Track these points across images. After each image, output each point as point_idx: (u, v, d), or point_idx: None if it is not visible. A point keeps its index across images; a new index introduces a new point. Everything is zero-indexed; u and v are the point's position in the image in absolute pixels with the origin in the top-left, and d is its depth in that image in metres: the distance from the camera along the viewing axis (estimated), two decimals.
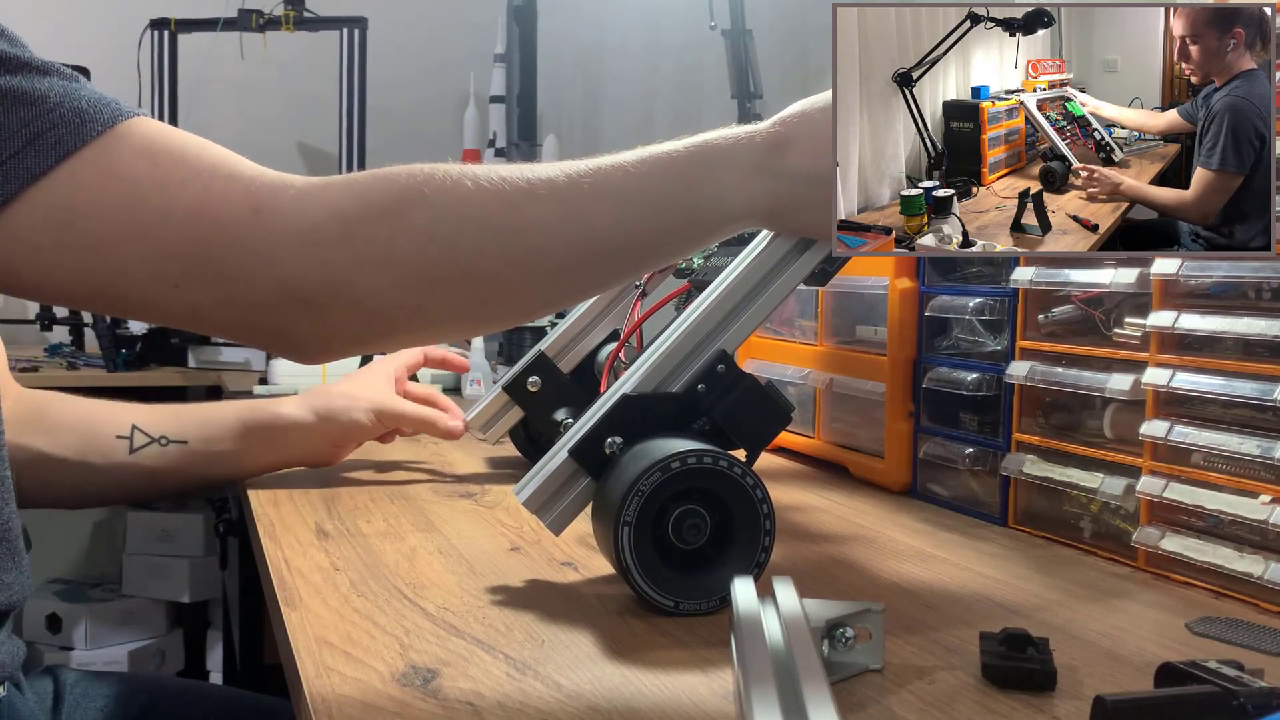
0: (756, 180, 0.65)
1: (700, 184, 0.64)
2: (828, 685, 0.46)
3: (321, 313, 0.60)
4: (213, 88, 2.32)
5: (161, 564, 2.22)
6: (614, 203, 0.63)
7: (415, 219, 0.60)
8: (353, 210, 0.59)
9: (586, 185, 0.63)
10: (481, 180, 0.61)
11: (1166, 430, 0.74)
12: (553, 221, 0.62)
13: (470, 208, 0.61)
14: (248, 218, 0.58)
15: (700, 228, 0.66)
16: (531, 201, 0.61)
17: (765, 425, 0.71)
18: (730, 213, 0.65)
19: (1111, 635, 0.64)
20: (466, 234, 0.60)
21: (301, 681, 0.55)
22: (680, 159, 0.64)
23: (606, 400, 0.69)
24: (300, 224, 0.59)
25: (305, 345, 0.64)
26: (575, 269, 0.64)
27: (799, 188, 0.65)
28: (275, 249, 0.59)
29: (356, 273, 0.59)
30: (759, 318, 0.71)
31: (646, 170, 0.64)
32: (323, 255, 0.59)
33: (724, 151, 0.65)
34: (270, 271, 0.59)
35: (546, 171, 0.62)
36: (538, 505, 0.69)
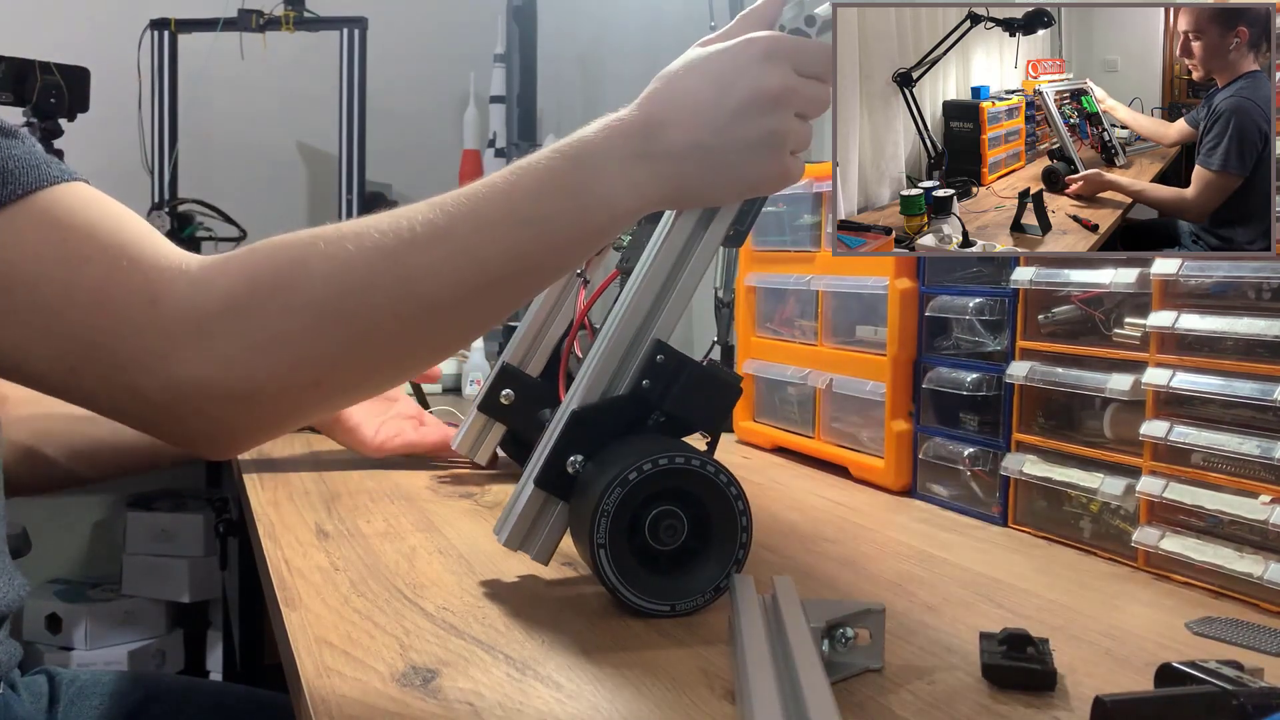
0: (638, 168, 0.63)
1: (582, 190, 0.62)
2: (828, 685, 0.46)
3: (213, 410, 0.58)
4: (213, 88, 2.32)
5: (161, 564, 2.22)
6: (497, 230, 0.60)
7: (303, 296, 0.57)
8: (241, 296, 0.57)
9: (466, 220, 0.60)
10: (363, 238, 0.59)
11: (1166, 430, 0.74)
12: (440, 264, 0.59)
13: (355, 272, 0.58)
14: (144, 309, 0.56)
15: (593, 230, 0.63)
16: (414, 250, 0.59)
17: (717, 404, 0.70)
18: (620, 207, 0.63)
19: (1111, 635, 0.64)
20: (356, 298, 0.58)
21: (301, 681, 0.55)
22: (556, 167, 0.62)
23: (558, 421, 0.69)
24: (192, 316, 0.56)
25: (199, 441, 0.61)
26: (475, 305, 0.62)
27: (682, 164, 0.63)
28: (166, 343, 0.56)
29: (248, 364, 0.57)
30: (685, 298, 0.70)
31: (523, 188, 0.62)
32: (214, 349, 0.56)
33: (598, 151, 0.63)
34: (161, 368, 0.56)
35: (424, 214, 0.60)
36: (518, 542, 0.68)
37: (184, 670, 2.31)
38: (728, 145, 0.63)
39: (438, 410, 1.41)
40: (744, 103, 0.63)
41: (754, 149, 0.64)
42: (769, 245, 1.26)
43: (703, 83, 0.64)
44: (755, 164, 0.64)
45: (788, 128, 0.64)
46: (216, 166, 2.41)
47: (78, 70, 2.04)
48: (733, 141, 0.63)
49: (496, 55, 2.39)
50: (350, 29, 2.22)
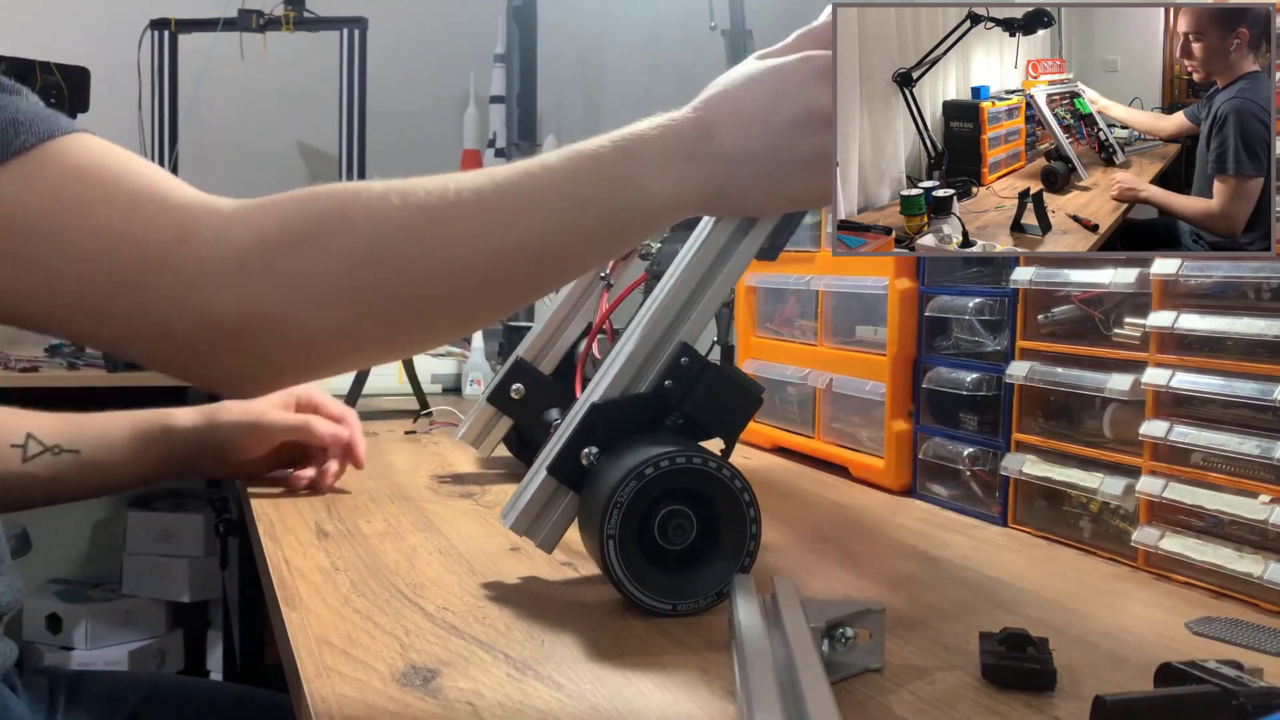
0: (686, 168, 0.63)
1: (629, 181, 0.62)
2: (828, 685, 0.46)
3: (247, 344, 0.58)
4: (213, 88, 2.32)
5: (161, 564, 2.22)
6: (542, 209, 0.61)
7: (341, 242, 0.58)
8: (277, 236, 0.57)
9: (512, 193, 0.61)
10: (407, 196, 0.59)
11: (1166, 430, 0.74)
12: (481, 233, 0.60)
13: (396, 226, 0.59)
14: (171, 246, 0.56)
15: (634, 225, 0.64)
16: (458, 215, 0.60)
17: (737, 411, 0.71)
18: (663, 205, 0.63)
19: (1111, 635, 0.64)
20: (393, 253, 0.58)
21: (301, 681, 0.55)
22: (607, 156, 0.62)
23: (577, 412, 0.69)
24: (224, 252, 0.57)
25: (230, 379, 0.62)
26: (508, 277, 0.62)
27: (731, 169, 0.64)
28: (198, 279, 0.56)
29: (281, 302, 0.57)
30: (715, 304, 0.70)
31: (572, 171, 0.62)
32: (247, 285, 0.56)
33: (650, 145, 0.63)
34: (192, 302, 0.56)
35: (473, 181, 0.61)
36: (525, 527, 0.68)
37: (184, 670, 2.31)
38: (776, 157, 0.64)
39: (438, 411, 1.41)
40: (796, 118, 0.64)
41: (801, 164, 0.64)
42: None
43: (758, 94, 0.65)
44: (800, 178, 0.65)
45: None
46: (216, 166, 2.41)
47: (78, 70, 2.04)
48: (781, 154, 0.64)
49: (496, 55, 2.39)
50: (350, 29, 2.22)
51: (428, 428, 1.37)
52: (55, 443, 0.99)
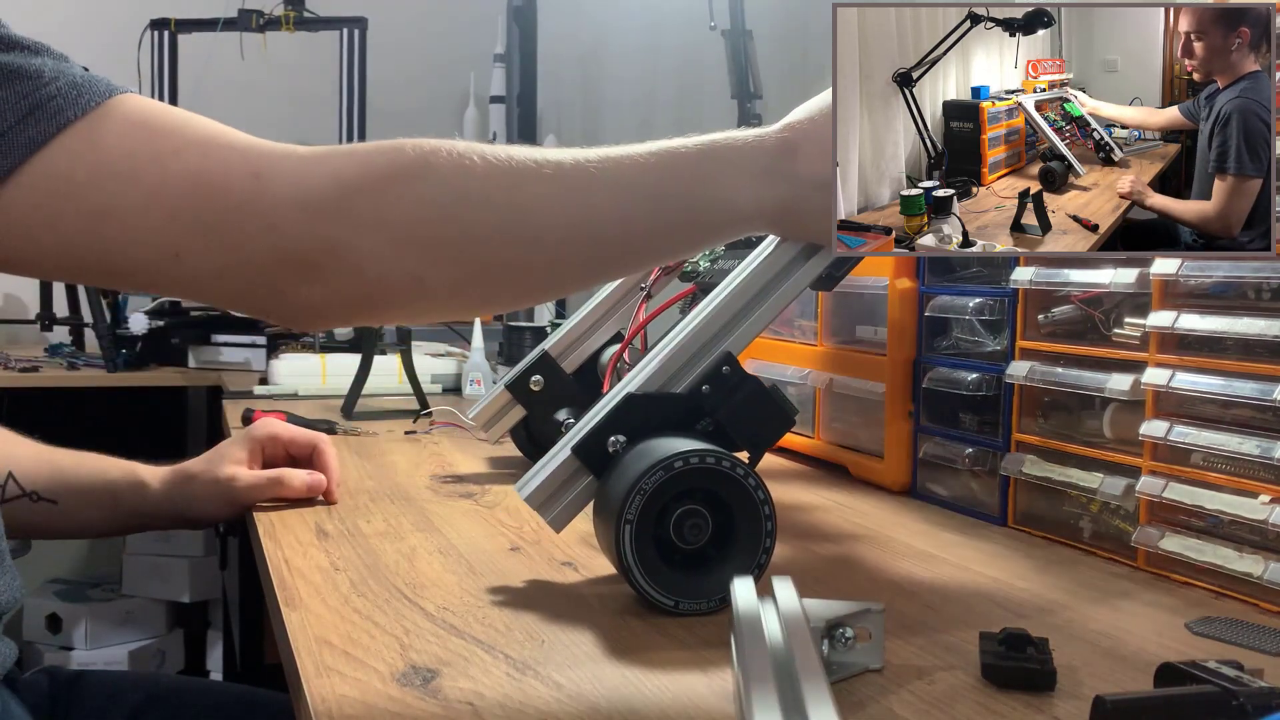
0: (765, 183, 0.65)
1: (708, 182, 0.64)
2: (828, 685, 0.46)
3: (321, 278, 0.60)
4: (213, 88, 2.32)
5: (161, 564, 2.22)
6: (619, 191, 0.63)
7: (418, 188, 0.60)
8: (355, 177, 0.59)
9: (593, 171, 0.62)
10: (489, 156, 0.61)
11: (1166, 430, 0.74)
12: (556, 204, 0.61)
13: (474, 181, 0.60)
14: (247, 183, 0.58)
15: (705, 226, 0.65)
16: (536, 181, 0.61)
17: (768, 428, 0.71)
18: (737, 214, 0.65)
19: (1111, 635, 0.64)
20: (469, 206, 0.60)
21: (301, 681, 0.55)
22: (690, 155, 0.64)
23: (611, 399, 0.69)
24: (301, 189, 0.59)
25: (301, 312, 0.63)
26: (576, 254, 0.64)
27: (807, 193, 0.65)
28: (274, 213, 0.58)
29: (357, 238, 0.59)
30: (765, 321, 0.71)
31: (655, 163, 0.63)
32: (323, 220, 0.59)
33: (734, 153, 0.65)
34: (269, 236, 0.58)
35: (555, 155, 0.62)
36: (539, 502, 0.69)
37: (184, 670, 2.31)
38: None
39: (438, 411, 1.41)
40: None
41: None
42: None
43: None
44: None
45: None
46: None
47: None
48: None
49: (496, 55, 2.39)
50: (350, 29, 2.22)
51: (428, 428, 1.37)
52: (34, 488, 0.99)
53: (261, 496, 0.97)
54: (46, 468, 1.01)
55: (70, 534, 1.05)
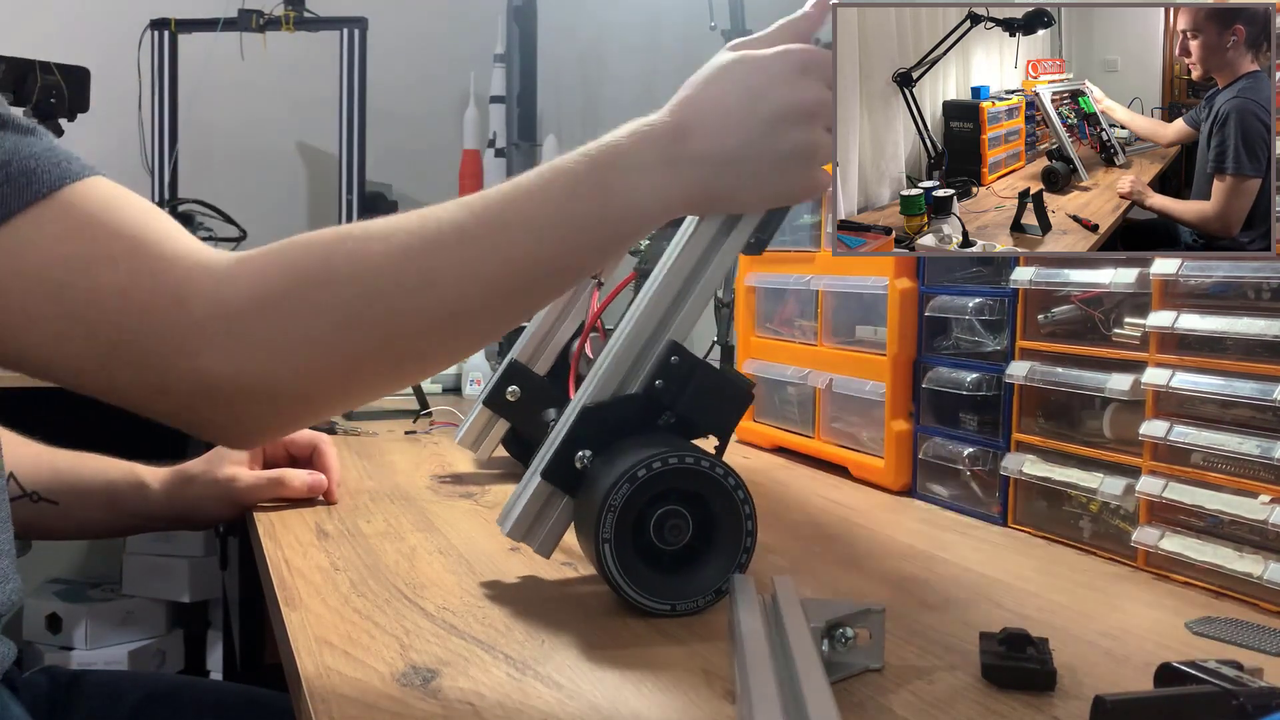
0: (664, 174, 0.63)
1: (606, 191, 0.62)
2: (828, 685, 0.46)
3: (240, 407, 0.58)
4: (213, 88, 2.32)
5: (161, 564, 2.22)
6: (524, 232, 0.61)
7: (329, 296, 0.58)
8: (266, 295, 0.57)
9: (494, 220, 0.61)
10: (390, 239, 0.59)
11: (1166, 430, 0.74)
12: (466, 265, 0.60)
13: (382, 273, 0.59)
14: (170, 308, 0.57)
15: (616, 236, 0.64)
16: (441, 251, 0.59)
17: (728, 408, 0.70)
18: (646, 213, 0.63)
19: (1111, 635, 0.64)
20: (383, 299, 0.58)
21: (301, 681, 0.55)
22: (579, 171, 0.62)
23: (569, 415, 0.69)
24: (218, 316, 0.57)
25: (227, 435, 0.62)
26: (499, 306, 0.62)
27: (710, 170, 0.63)
28: (195, 340, 0.57)
29: (274, 366, 0.57)
30: (702, 302, 0.70)
31: (551, 190, 0.62)
32: (240, 350, 0.57)
33: (626, 153, 0.63)
34: (191, 364, 0.57)
35: (451, 214, 0.61)
36: (521, 533, 0.68)
37: (184, 670, 2.31)
38: (758, 155, 0.64)
39: (438, 411, 1.41)
40: (776, 114, 0.63)
41: (784, 160, 0.64)
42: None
43: (735, 91, 0.64)
44: (785, 175, 0.65)
45: (819, 141, 0.65)
46: (216, 166, 2.41)
47: (78, 70, 2.04)
48: (763, 152, 0.64)
49: (496, 55, 2.39)
50: (350, 29, 2.22)
51: (428, 428, 1.37)
52: (34, 488, 0.99)
53: (262, 497, 0.97)
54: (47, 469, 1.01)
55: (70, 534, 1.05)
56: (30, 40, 2.11)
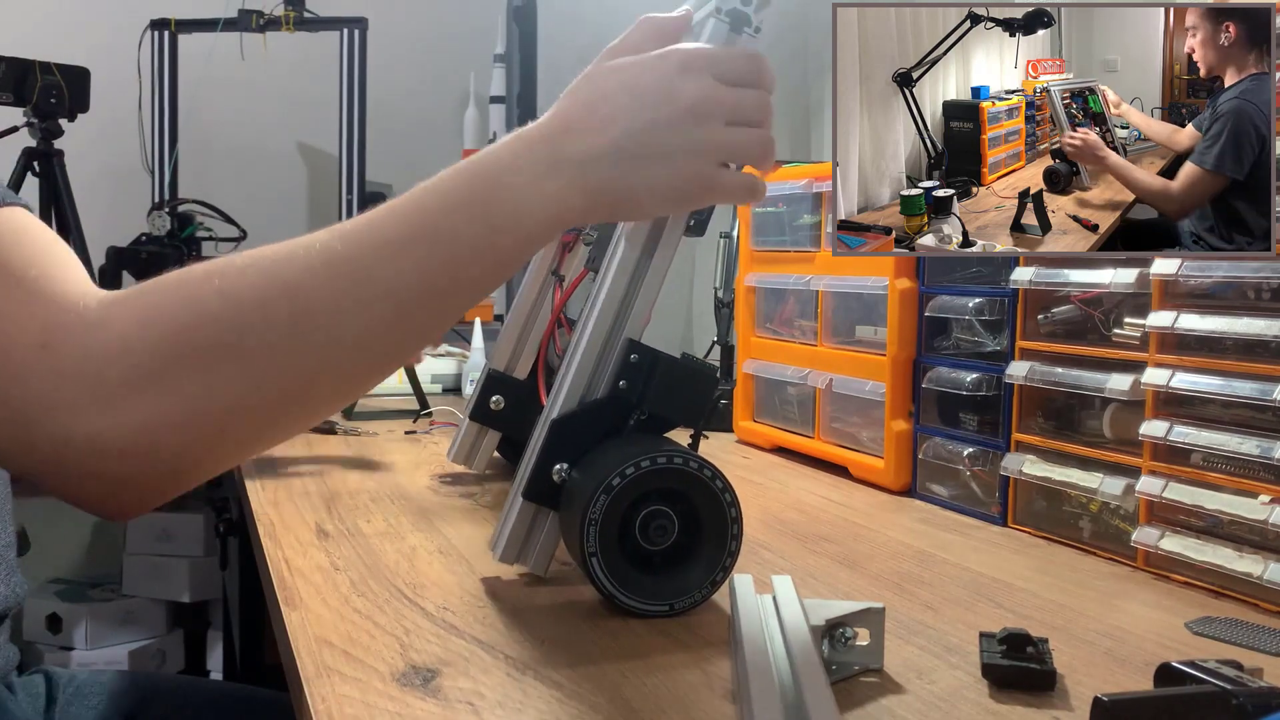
0: (549, 179, 0.58)
1: (489, 202, 0.58)
2: (828, 685, 0.46)
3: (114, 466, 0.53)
4: (213, 88, 2.32)
5: (161, 564, 2.22)
6: (401, 252, 0.56)
7: (198, 338, 0.53)
8: (137, 340, 0.52)
9: (366, 243, 0.56)
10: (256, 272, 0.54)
11: (1166, 430, 0.74)
12: (342, 294, 0.54)
13: (250, 309, 0.53)
14: (34, 354, 0.51)
15: (505, 247, 0.58)
16: (312, 279, 0.54)
17: (696, 396, 0.70)
18: (533, 221, 0.58)
19: (1111, 635, 0.64)
20: (253, 336, 0.53)
21: (301, 681, 0.55)
22: (460, 184, 0.58)
23: (540, 431, 0.69)
24: (86, 363, 0.51)
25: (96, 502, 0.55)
26: (384, 336, 0.57)
27: (596, 171, 0.59)
28: (59, 392, 0.51)
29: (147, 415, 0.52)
30: (652, 294, 0.69)
31: (426, 207, 0.57)
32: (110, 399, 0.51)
33: (503, 160, 0.59)
34: (53, 418, 0.51)
35: (322, 240, 0.56)
36: (513, 556, 0.69)
37: (184, 670, 2.31)
38: (642, 150, 0.60)
39: (438, 411, 1.41)
40: (660, 114, 0.60)
41: (672, 160, 0.60)
42: (769, 245, 1.26)
43: (617, 91, 0.61)
44: (677, 172, 0.60)
45: (714, 139, 0.61)
46: (216, 166, 2.41)
47: (78, 70, 2.04)
48: (648, 147, 0.60)
49: (496, 55, 2.39)
50: (350, 29, 2.22)
51: (428, 428, 1.37)
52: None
53: None
54: None
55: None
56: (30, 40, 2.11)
